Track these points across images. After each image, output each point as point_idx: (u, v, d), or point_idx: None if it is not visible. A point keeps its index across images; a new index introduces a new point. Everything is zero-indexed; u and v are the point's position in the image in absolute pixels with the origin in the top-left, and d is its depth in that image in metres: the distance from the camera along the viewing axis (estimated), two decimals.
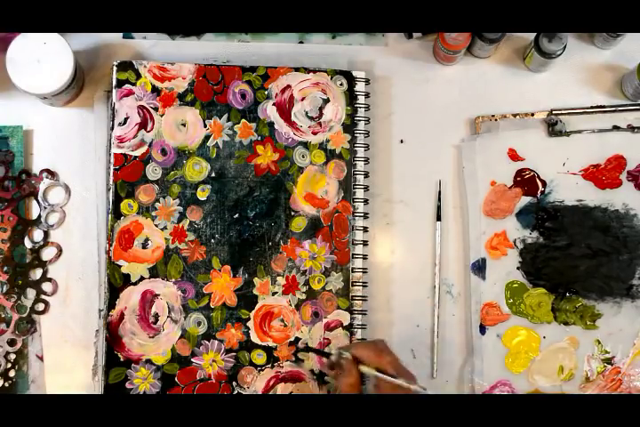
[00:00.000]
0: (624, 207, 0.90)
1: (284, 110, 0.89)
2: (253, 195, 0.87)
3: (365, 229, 0.89)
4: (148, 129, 0.86)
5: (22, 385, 0.85)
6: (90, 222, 0.88)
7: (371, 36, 0.93)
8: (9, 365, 0.85)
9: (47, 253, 0.87)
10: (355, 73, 0.90)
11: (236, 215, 0.87)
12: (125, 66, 0.87)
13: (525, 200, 0.90)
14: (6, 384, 0.85)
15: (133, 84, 0.86)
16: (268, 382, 0.85)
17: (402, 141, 0.92)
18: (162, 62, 0.87)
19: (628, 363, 0.89)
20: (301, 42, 0.93)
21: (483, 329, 0.88)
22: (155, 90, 0.87)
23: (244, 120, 0.88)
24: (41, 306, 0.86)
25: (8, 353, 0.85)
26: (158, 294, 0.85)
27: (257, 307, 0.86)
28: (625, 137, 0.91)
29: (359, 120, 0.90)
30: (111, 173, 0.86)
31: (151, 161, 0.86)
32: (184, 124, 0.87)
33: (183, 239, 0.86)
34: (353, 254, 0.88)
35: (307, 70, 0.89)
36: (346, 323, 0.87)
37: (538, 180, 0.91)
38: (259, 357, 0.85)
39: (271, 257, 0.87)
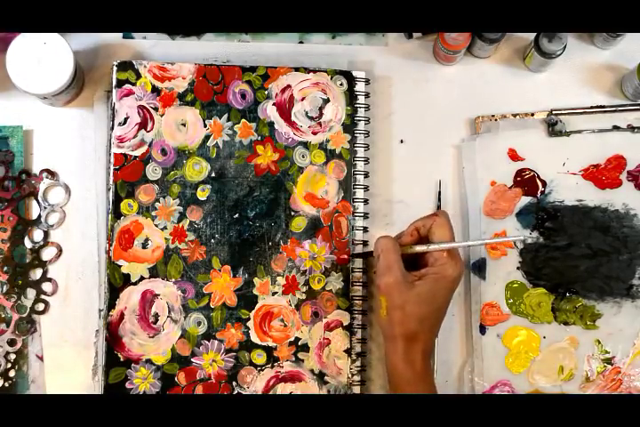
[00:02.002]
0: (624, 207, 0.90)
1: (284, 110, 0.89)
2: (253, 195, 0.87)
3: (365, 230, 0.89)
4: (148, 129, 0.86)
5: (22, 385, 0.85)
6: (90, 222, 0.88)
7: (371, 36, 0.93)
8: (9, 365, 0.85)
9: (47, 253, 0.87)
10: (355, 73, 0.90)
11: (236, 215, 0.87)
12: (125, 66, 0.87)
13: (525, 200, 0.90)
14: (6, 384, 0.85)
15: (133, 84, 0.86)
16: (267, 382, 0.85)
17: (402, 141, 0.92)
18: (162, 62, 0.87)
19: (628, 363, 0.89)
20: (301, 42, 0.93)
21: (483, 329, 0.88)
22: (155, 90, 0.87)
23: (243, 120, 0.88)
24: (41, 306, 0.86)
25: (8, 353, 0.85)
26: (158, 294, 0.85)
27: (257, 307, 0.86)
28: (625, 137, 0.91)
29: (359, 120, 0.90)
30: (111, 173, 0.86)
31: (151, 161, 0.86)
32: (184, 124, 0.87)
33: (183, 239, 0.86)
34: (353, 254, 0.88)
35: (307, 70, 0.89)
36: (346, 323, 0.87)
37: (538, 180, 0.91)
38: (259, 357, 0.85)
39: (271, 257, 0.87)
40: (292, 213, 0.88)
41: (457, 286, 0.79)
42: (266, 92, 0.89)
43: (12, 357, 0.85)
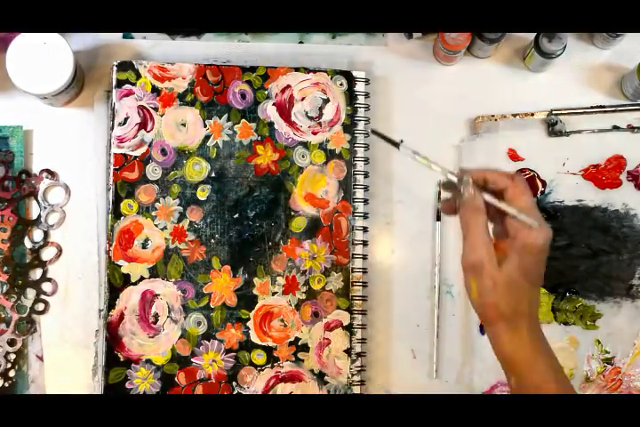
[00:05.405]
0: (624, 207, 0.90)
1: (284, 110, 0.89)
2: (253, 195, 0.87)
3: (365, 229, 0.89)
4: (148, 129, 0.86)
5: (22, 385, 0.85)
6: (90, 222, 0.88)
7: (371, 36, 0.93)
8: (9, 365, 0.85)
9: (47, 253, 0.87)
10: (355, 73, 0.90)
11: (236, 215, 0.87)
12: (125, 66, 0.87)
13: None
14: (6, 384, 0.85)
15: (133, 84, 0.86)
16: (267, 382, 0.85)
17: (402, 141, 0.92)
18: (162, 62, 0.87)
19: (628, 363, 0.89)
20: (301, 42, 0.93)
21: (483, 329, 0.88)
22: (155, 90, 0.87)
23: (243, 120, 0.88)
24: (41, 306, 0.86)
25: (8, 353, 0.85)
26: (158, 294, 0.85)
27: (257, 307, 0.86)
28: (625, 137, 0.91)
29: (359, 120, 0.90)
30: (111, 173, 0.86)
31: (151, 161, 0.86)
32: (184, 124, 0.87)
33: (183, 239, 0.86)
34: (353, 254, 0.88)
35: (307, 70, 0.89)
36: (346, 323, 0.87)
37: (538, 180, 0.91)
38: (259, 357, 0.85)
39: (271, 257, 0.87)
40: (292, 213, 0.88)
41: (547, 253, 0.70)
42: (266, 92, 0.89)
43: (12, 357, 0.85)
